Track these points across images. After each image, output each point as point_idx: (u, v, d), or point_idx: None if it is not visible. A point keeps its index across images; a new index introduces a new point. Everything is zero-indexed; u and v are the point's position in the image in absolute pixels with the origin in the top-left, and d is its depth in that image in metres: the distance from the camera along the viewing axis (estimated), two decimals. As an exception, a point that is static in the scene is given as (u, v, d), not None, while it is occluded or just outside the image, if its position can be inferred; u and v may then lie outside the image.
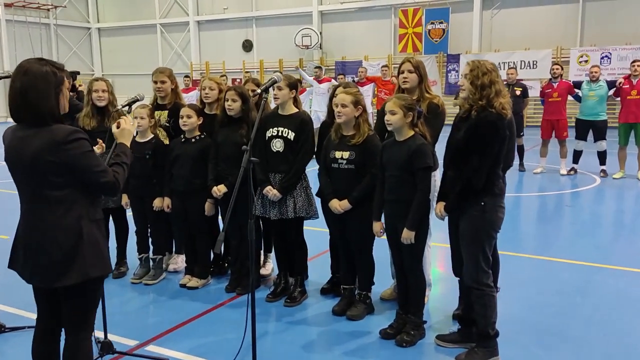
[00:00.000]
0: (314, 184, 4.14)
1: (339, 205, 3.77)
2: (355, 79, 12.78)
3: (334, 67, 20.52)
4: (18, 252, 2.52)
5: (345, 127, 3.78)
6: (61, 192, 2.40)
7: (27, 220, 2.47)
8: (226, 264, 4.95)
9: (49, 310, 2.63)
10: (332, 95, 4.19)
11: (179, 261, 5.03)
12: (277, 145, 4.07)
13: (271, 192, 4.03)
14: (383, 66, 13.07)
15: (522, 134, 9.51)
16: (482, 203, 3.09)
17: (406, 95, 3.59)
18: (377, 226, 3.64)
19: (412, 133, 3.44)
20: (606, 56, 17.04)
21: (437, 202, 3.37)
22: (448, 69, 19.53)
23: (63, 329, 2.61)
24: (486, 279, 3.17)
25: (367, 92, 11.39)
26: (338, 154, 3.77)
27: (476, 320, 3.23)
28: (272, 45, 22.47)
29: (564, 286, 4.47)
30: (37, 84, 2.36)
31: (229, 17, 23.46)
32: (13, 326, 3.74)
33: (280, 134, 4.06)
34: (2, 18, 23.18)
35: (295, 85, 4.10)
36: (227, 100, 4.23)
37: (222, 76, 11.36)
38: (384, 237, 3.65)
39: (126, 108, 3.38)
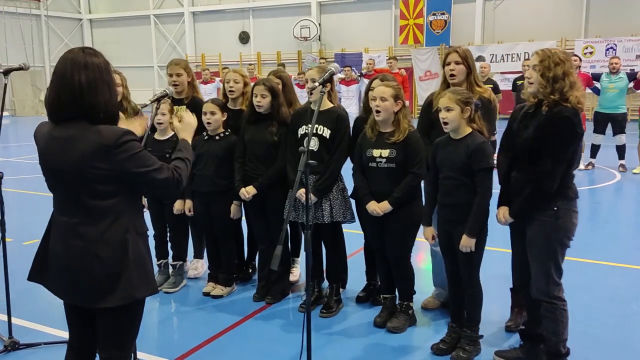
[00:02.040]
0: (349, 184, 3.83)
1: (378, 207, 3.46)
2: (363, 72, 12.44)
3: (333, 60, 20.12)
4: (49, 267, 2.21)
5: (383, 123, 3.47)
6: (107, 202, 2.10)
7: (64, 232, 2.15)
8: (250, 269, 4.63)
9: (84, 331, 2.31)
10: (368, 89, 3.88)
11: (198, 266, 4.71)
12: (311, 144, 3.73)
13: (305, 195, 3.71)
14: (389, 58, 12.70)
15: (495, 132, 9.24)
16: (555, 208, 2.79)
17: (460, 89, 3.28)
18: (429, 232, 3.34)
19: (469, 130, 3.13)
20: (611, 47, 16.80)
21: (499, 206, 3.06)
22: (450, 61, 19.19)
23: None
24: (558, 291, 2.88)
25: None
26: (376, 152, 3.46)
27: (545, 337, 2.94)
28: (269, 37, 22.03)
29: (616, 292, 4.20)
30: (103, 77, 2.08)
31: (225, 8, 22.98)
32: (28, 342, 3.41)
33: (314, 131, 3.73)
34: (-8, 9, 22.59)
35: (329, 79, 3.75)
36: (256, 96, 3.89)
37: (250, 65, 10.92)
38: (434, 243, 3.35)
39: (155, 104, 3.06)
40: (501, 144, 3.42)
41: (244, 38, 22.95)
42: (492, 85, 9.33)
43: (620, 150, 9.01)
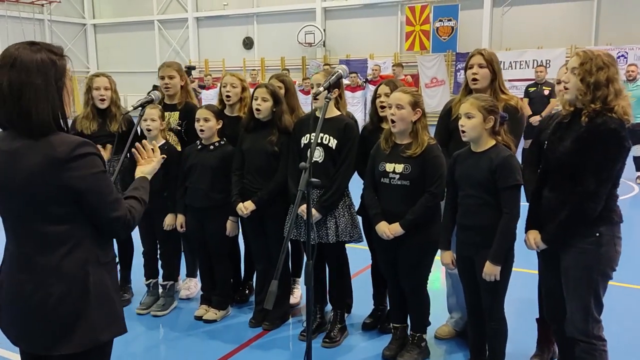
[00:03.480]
0: (356, 199, 3.47)
1: (388, 229, 3.09)
2: (368, 78, 12.09)
3: (337, 66, 19.80)
4: (1, 306, 1.85)
5: (399, 134, 3.10)
6: (62, 227, 1.75)
7: (13, 264, 1.80)
8: (247, 290, 4.27)
9: None
10: (375, 95, 3.53)
11: (191, 286, 4.34)
12: (316, 155, 3.37)
13: (308, 211, 3.35)
14: (394, 65, 12.38)
15: None
16: (597, 234, 2.42)
17: (486, 95, 2.91)
18: (447, 257, 2.97)
19: (493, 142, 2.77)
20: (622, 55, 16.38)
21: (528, 229, 2.69)
22: (457, 68, 18.83)
23: None
24: (598, 330, 2.50)
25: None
26: (389, 167, 3.09)
27: (581, 380, 2.55)
28: (273, 43, 21.74)
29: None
30: (33, 79, 1.70)
31: (229, 13, 22.72)
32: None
33: (319, 141, 3.37)
34: (-6, 13, 22.39)
35: (337, 83, 3.40)
36: (256, 99, 3.53)
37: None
38: (451, 269, 2.98)
39: (138, 110, 2.72)
40: (526, 158, 3.06)
41: (248, 44, 22.69)
42: (550, 88, 8.90)
43: (638, 162, 8.61)
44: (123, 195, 1.96)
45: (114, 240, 4.10)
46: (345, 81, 12.29)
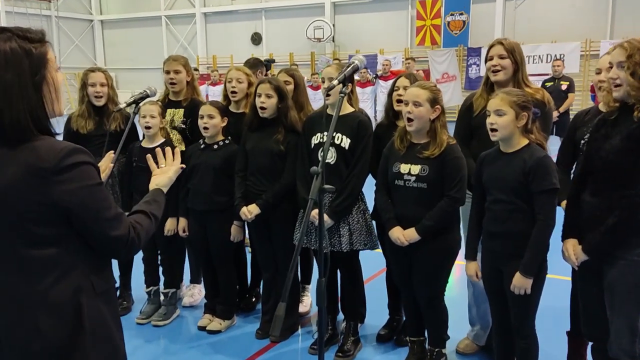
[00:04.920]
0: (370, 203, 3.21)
1: (402, 235, 2.82)
2: (378, 74, 11.80)
3: (347, 61, 19.52)
4: None
5: (416, 133, 2.83)
6: (49, 251, 1.47)
7: None
8: (253, 298, 4.02)
9: None
10: (392, 89, 3.26)
11: (195, 293, 4.11)
12: (327, 156, 3.11)
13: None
14: (408, 59, 12.07)
15: None
16: (648, 245, 2.14)
17: (517, 90, 2.63)
18: (472, 267, 2.70)
19: (525, 142, 2.49)
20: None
21: (565, 238, 2.41)
22: (468, 63, 18.50)
23: None
24: (645, 352, 2.23)
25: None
26: (404, 168, 2.82)
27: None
28: (282, 38, 21.49)
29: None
30: (1, 75, 1.43)
31: (237, 8, 22.49)
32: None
33: (331, 140, 3.11)
34: (2, 10, 22.27)
35: (350, 77, 3.13)
36: (260, 96, 3.27)
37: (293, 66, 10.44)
38: (480, 281, 2.71)
39: (132, 106, 2.47)
40: (560, 159, 2.78)
41: (256, 39, 22.45)
42: (567, 82, 8.62)
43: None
44: (133, 207, 1.70)
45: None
46: (355, 77, 12.04)
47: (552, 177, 2.39)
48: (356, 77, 12.28)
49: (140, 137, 3.75)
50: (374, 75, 11.60)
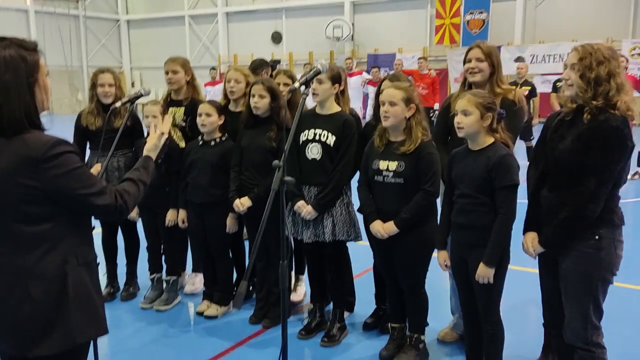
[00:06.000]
0: (356, 198, 3.39)
1: (382, 228, 3.01)
2: (390, 73, 11.94)
3: (366, 60, 19.64)
4: None
5: (393, 130, 3.01)
6: (40, 227, 1.73)
7: None
8: (251, 287, 4.24)
9: None
10: (378, 91, 3.44)
11: (196, 281, 4.34)
12: (314, 152, 3.32)
13: (304, 208, 3.30)
14: (420, 58, 12.16)
15: (532, 137, 8.59)
16: (597, 237, 2.30)
17: (483, 92, 2.80)
18: (442, 256, 2.88)
19: (491, 140, 2.66)
20: (662, 48, 15.77)
21: (526, 231, 2.57)
22: (487, 62, 18.43)
23: None
24: (597, 337, 2.38)
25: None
26: (383, 165, 3.00)
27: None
28: (301, 37, 21.69)
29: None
30: (1, 77, 1.68)
31: (258, 8, 22.78)
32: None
33: (317, 137, 3.31)
34: (31, 9, 22.98)
35: (338, 78, 3.34)
36: (253, 97, 3.49)
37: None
38: (449, 270, 2.88)
39: (127, 105, 2.72)
40: (533, 155, 2.93)
41: (277, 38, 22.71)
42: (529, 87, 8.73)
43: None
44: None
45: (120, 233, 4.16)
46: (367, 76, 12.22)
47: (512, 174, 2.56)
48: (369, 76, 12.46)
49: (145, 134, 4.00)
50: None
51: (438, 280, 3.62)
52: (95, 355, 2.44)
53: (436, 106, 10.72)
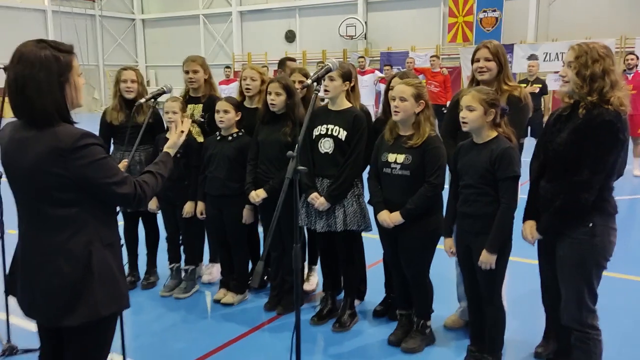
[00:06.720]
0: (367, 191, 3.55)
1: (388, 217, 3.16)
2: (401, 71, 12.07)
3: (379, 58, 19.75)
4: (15, 280, 2.06)
5: (402, 125, 3.16)
6: (67, 211, 1.92)
7: (25, 243, 2.00)
8: (265, 277, 4.41)
9: (52, 350, 2.15)
10: (388, 88, 3.59)
11: (214, 271, 4.53)
12: (326, 146, 3.49)
13: (317, 200, 3.46)
14: (432, 56, 12.27)
15: None
16: (591, 224, 2.44)
17: (487, 88, 2.94)
18: (448, 243, 3.04)
19: (494, 134, 2.80)
20: (676, 46, 15.67)
21: (525, 220, 2.72)
22: (500, 60, 18.44)
23: None
24: (592, 319, 2.52)
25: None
26: (391, 157, 3.16)
27: (575, 370, 2.58)
28: (315, 36, 21.86)
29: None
30: (35, 74, 1.86)
31: (272, 7, 22.97)
32: (27, 348, 3.30)
33: (329, 132, 3.48)
34: (49, 9, 23.39)
35: (349, 75, 3.50)
36: (270, 94, 3.67)
37: (263, 67, 10.87)
38: (454, 257, 3.03)
39: (151, 101, 2.90)
40: (535, 148, 3.07)
41: (290, 37, 22.88)
42: (540, 85, 8.82)
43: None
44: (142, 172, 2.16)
45: (143, 225, 4.35)
46: (380, 74, 12.34)
47: (514, 166, 2.70)
48: (381, 74, 12.55)
49: (166, 129, 4.20)
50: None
51: (445, 269, 3.77)
52: (122, 333, 2.65)
53: (448, 104, 10.82)
